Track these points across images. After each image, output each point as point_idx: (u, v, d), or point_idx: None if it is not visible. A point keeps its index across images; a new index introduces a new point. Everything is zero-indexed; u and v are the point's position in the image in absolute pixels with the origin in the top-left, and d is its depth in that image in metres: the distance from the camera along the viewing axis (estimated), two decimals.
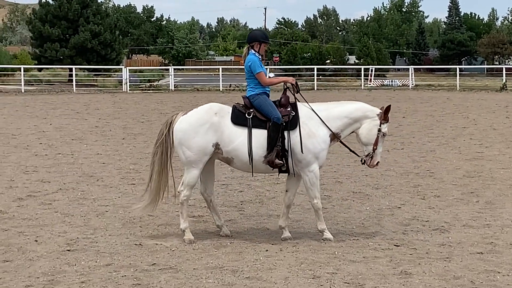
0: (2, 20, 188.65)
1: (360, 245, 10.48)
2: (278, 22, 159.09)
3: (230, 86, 55.18)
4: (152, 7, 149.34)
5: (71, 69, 58.07)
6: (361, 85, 58.88)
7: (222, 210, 12.76)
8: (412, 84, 59.35)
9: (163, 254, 10.01)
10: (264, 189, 14.77)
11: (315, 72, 57.29)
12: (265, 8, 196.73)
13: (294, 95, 11.03)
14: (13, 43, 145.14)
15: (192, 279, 8.87)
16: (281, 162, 10.61)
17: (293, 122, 10.68)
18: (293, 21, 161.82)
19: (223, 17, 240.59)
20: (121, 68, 58.72)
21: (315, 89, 55.05)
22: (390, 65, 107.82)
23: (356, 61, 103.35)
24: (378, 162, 11.03)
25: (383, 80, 66.07)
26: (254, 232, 11.31)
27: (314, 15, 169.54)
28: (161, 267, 9.38)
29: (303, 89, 42.50)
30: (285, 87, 11.15)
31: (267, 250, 10.18)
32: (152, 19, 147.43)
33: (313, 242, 10.65)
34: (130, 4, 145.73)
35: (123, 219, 12.10)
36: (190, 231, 10.79)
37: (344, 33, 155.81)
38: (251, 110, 10.73)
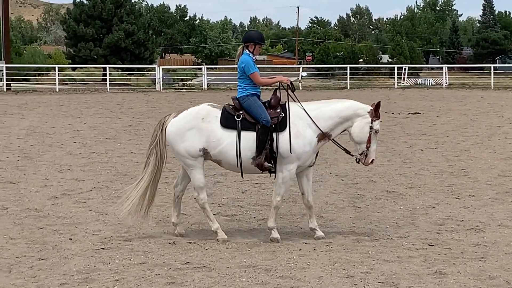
0: (37, 20, 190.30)
1: (394, 245, 10.43)
2: (310, 21, 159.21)
3: None
4: (185, 6, 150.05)
5: (104, 69, 58.45)
6: (394, 84, 58.63)
7: (255, 209, 12.78)
8: (446, 83, 59.00)
9: (196, 252, 10.03)
10: (297, 188, 14.65)
11: (348, 71, 57.11)
12: (298, 7, 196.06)
13: (289, 94, 10.95)
14: (48, 43, 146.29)
15: (225, 278, 8.87)
16: (270, 165, 10.55)
17: (283, 124, 10.60)
18: (326, 20, 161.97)
19: (255, 16, 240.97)
20: (154, 67, 58.94)
21: (348, 88, 54.89)
22: (424, 64, 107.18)
23: (389, 60, 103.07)
24: (373, 160, 10.88)
25: (417, 79, 65.81)
26: (287, 231, 11.29)
27: (347, 14, 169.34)
28: (195, 265, 9.40)
29: (335, 88, 42.04)
30: (279, 87, 11.08)
31: (300, 249, 10.17)
32: (185, 19, 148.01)
33: (346, 241, 10.62)
34: (163, 4, 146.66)
35: (157, 217, 12.14)
36: (222, 230, 10.80)
37: (377, 32, 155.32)
38: (241, 112, 10.69)
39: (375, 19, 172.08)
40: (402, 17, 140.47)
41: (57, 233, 11.03)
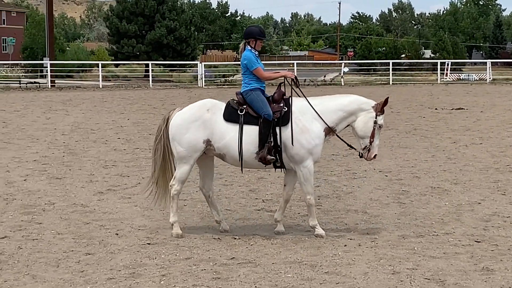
0: (80, 17, 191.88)
1: (440, 241, 10.36)
2: (352, 16, 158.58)
3: (304, 81, 55.07)
4: (226, 2, 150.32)
5: (147, 65, 58.78)
6: (437, 80, 58.22)
7: (299, 205, 12.77)
8: (490, 78, 58.43)
9: (241, 248, 10.06)
10: (341, 184, 14.72)
11: (391, 67, 56.85)
12: (339, 3, 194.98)
13: (293, 89, 10.92)
14: (91, 40, 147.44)
15: (271, 274, 8.89)
16: (273, 157, 10.52)
17: (285, 118, 10.58)
18: (367, 15, 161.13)
19: (297, 12, 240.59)
20: (196, 64, 59.16)
21: (390, 83, 54.59)
22: (467, 59, 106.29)
23: (432, 55, 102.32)
24: (376, 155, 10.85)
25: (460, 74, 65.19)
26: (332, 227, 11.27)
27: (388, 9, 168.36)
28: (240, 261, 9.43)
29: (377, 84, 41.81)
30: (284, 82, 11.06)
31: (345, 245, 10.14)
32: (227, 15, 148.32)
33: (392, 237, 10.57)
34: (205, 0, 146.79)
35: (202, 213, 12.19)
36: (179, 225, 10.79)
37: (419, 27, 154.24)
38: (244, 106, 10.69)
39: (417, 14, 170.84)
40: (444, 12, 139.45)
41: (103, 228, 11.12)
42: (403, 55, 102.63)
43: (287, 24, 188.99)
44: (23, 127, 24.93)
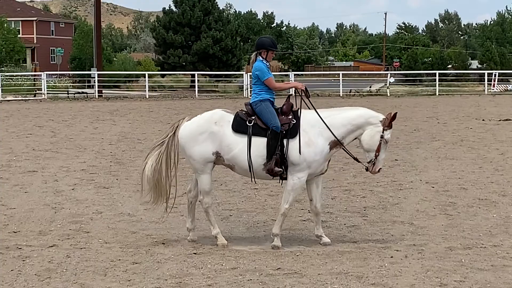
0: (127, 27, 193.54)
1: (487, 253, 10.26)
2: (398, 27, 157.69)
3: (350, 92, 54.96)
4: (272, 13, 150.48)
5: (193, 75, 59.03)
6: (484, 90, 57.66)
7: (345, 215, 12.75)
8: None
9: (287, 258, 10.06)
10: (387, 195, 14.65)
11: (437, 77, 56.48)
12: (385, 13, 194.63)
13: (303, 100, 10.94)
14: (137, 50, 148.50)
15: (317, 284, 8.88)
16: (280, 169, 10.53)
17: (293, 130, 10.58)
18: (413, 26, 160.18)
19: (342, 22, 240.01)
20: (242, 74, 59.31)
21: (437, 94, 54.21)
22: None
23: (479, 66, 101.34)
24: (380, 168, 10.86)
25: (507, 85, 64.49)
26: (378, 238, 11.23)
27: (435, 19, 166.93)
28: (286, 271, 9.43)
29: (424, 95, 41.54)
30: (294, 93, 11.04)
31: (392, 257, 10.10)
32: (272, 25, 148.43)
33: (439, 249, 10.50)
34: (251, 11, 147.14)
35: (247, 223, 12.23)
36: (222, 236, 10.84)
37: (466, 38, 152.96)
38: (253, 117, 10.69)
39: (464, 25, 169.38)
40: (492, 22, 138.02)
41: (150, 238, 11.21)
42: (449, 66, 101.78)
43: (333, 35, 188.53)
44: (71, 137, 25.20)
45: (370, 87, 62.42)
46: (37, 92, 52.02)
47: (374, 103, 42.37)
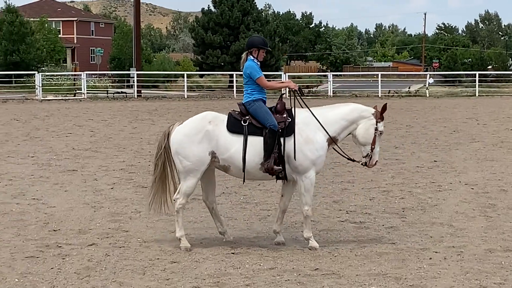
0: (166, 28, 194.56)
1: None
2: (438, 27, 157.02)
3: (389, 92, 54.69)
4: (310, 13, 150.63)
5: (231, 75, 59.11)
6: None
7: (383, 216, 12.69)
8: None
9: (325, 259, 10.05)
10: (426, 196, 14.56)
11: (477, 78, 55.95)
12: (425, 14, 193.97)
13: (297, 100, 10.93)
14: (176, 50, 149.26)
15: (355, 285, 8.86)
16: (279, 168, 10.49)
17: (289, 129, 10.55)
18: (453, 26, 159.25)
19: (381, 23, 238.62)
20: (280, 74, 59.29)
21: (477, 95, 53.75)
22: None
23: None
24: (377, 161, 10.93)
25: None
26: (416, 239, 11.16)
27: (475, 20, 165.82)
28: (324, 272, 9.42)
29: (463, 96, 41.16)
30: (285, 92, 11.01)
31: (430, 258, 10.04)
32: (311, 26, 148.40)
33: (478, 251, 10.42)
34: (289, 11, 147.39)
35: (285, 223, 12.19)
36: (186, 239, 10.75)
37: (506, 38, 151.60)
38: (247, 117, 10.64)
39: (504, 25, 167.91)
40: None
41: (188, 237, 11.23)
42: (489, 67, 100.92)
43: (371, 35, 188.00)
44: (110, 136, 25.39)
45: (409, 88, 61.95)
46: (77, 91, 52.42)
47: (413, 104, 42.13)
